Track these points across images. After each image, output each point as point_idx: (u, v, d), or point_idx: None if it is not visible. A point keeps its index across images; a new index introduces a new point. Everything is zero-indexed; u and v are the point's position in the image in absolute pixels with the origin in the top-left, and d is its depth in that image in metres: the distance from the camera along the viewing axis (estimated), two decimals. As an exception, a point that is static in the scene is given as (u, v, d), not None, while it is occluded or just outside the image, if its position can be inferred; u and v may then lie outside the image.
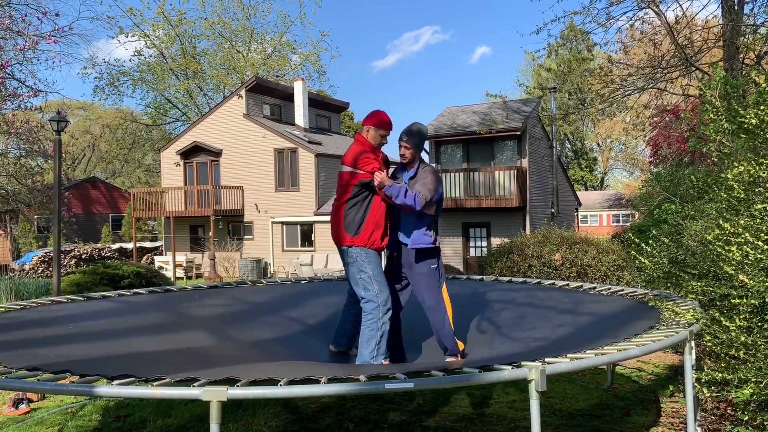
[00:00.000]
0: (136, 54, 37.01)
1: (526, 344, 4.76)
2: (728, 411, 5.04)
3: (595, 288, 6.36)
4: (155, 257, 25.53)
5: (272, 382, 3.16)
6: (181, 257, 24.02)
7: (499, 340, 5.05)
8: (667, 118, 20.21)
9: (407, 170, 4.97)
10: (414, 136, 4.89)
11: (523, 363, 3.34)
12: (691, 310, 4.49)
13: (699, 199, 6.37)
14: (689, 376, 4.14)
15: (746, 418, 4.45)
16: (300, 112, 25.85)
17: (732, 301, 4.32)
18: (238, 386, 3.04)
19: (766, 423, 4.24)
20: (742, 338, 4.07)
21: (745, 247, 4.13)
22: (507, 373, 3.25)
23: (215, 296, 6.61)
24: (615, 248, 11.16)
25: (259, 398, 5.04)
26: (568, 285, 6.65)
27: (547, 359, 3.46)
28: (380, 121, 4.85)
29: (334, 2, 79.51)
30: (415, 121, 5.00)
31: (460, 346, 4.95)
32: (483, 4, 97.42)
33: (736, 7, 11.54)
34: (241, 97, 24.42)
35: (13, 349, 4.14)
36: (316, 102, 27.94)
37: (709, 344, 4.42)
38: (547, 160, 21.94)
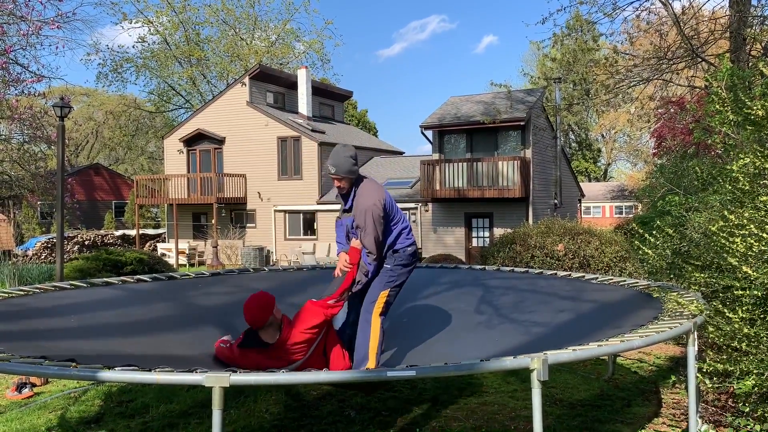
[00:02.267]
0: (139, 40, 36.91)
1: (529, 334, 4.76)
2: (729, 403, 5.04)
3: (597, 278, 6.35)
4: (158, 244, 25.58)
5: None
6: (183, 244, 24.06)
7: (501, 329, 5.05)
8: (672, 110, 20.10)
9: (346, 199, 4.50)
10: (339, 163, 4.31)
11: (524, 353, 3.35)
12: (694, 302, 4.48)
13: (703, 190, 6.35)
14: (692, 367, 4.13)
15: (747, 409, 4.45)
16: (303, 101, 25.80)
17: (735, 292, 4.32)
18: (240, 372, 3.05)
19: (767, 415, 4.24)
20: (745, 330, 4.07)
21: (749, 238, 4.12)
22: (509, 362, 3.25)
23: (218, 284, 6.63)
24: (618, 239, 11.14)
25: (261, 385, 5.07)
26: (569, 275, 6.64)
27: (549, 350, 3.46)
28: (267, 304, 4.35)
29: (338, -10, 79.06)
30: (336, 144, 4.51)
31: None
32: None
33: (743, -2, 11.45)
34: (245, 84, 24.35)
35: (17, 336, 4.15)
36: (320, 90, 27.85)
37: (711, 336, 4.41)
38: (550, 150, 21.87)
